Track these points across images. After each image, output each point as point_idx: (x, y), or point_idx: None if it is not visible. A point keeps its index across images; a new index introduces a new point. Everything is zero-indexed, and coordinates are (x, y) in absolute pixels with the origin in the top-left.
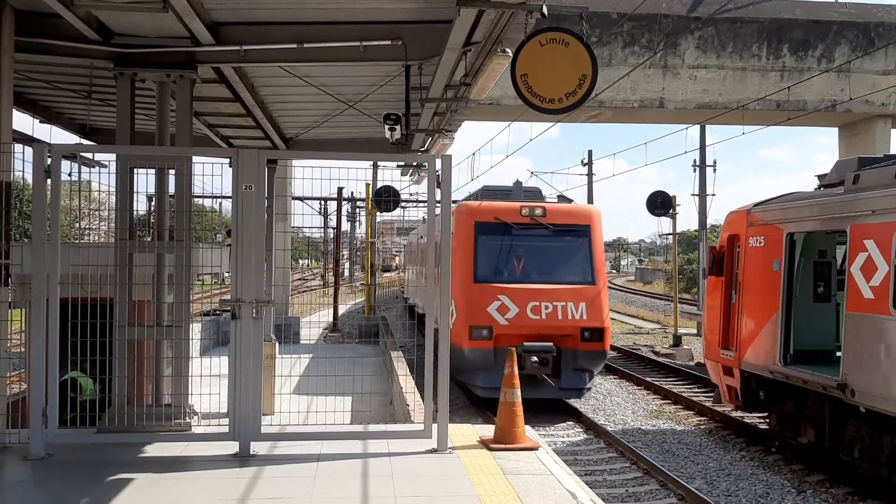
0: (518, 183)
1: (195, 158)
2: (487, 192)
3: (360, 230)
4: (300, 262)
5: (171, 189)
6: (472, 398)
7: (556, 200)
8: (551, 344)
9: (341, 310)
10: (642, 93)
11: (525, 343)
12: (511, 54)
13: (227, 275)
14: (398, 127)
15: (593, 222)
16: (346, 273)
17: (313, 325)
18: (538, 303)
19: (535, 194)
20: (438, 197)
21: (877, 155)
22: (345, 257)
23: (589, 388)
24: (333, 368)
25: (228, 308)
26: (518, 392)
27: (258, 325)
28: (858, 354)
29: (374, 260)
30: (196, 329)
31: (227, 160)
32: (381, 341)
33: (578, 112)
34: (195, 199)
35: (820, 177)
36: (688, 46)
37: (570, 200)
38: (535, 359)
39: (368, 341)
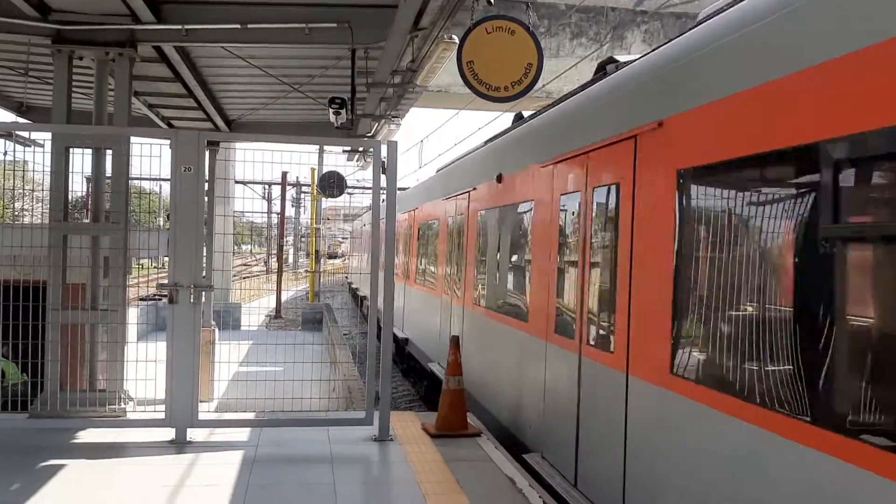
0: None
1: (134, 139)
2: None
3: (305, 216)
4: (243, 247)
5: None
6: (417, 387)
7: None
8: None
9: (285, 296)
10: None
11: None
12: (457, 41)
13: (166, 259)
14: (343, 111)
15: None
16: (290, 259)
17: (256, 311)
18: None
19: None
20: (384, 183)
21: None
22: (289, 243)
23: None
24: (275, 355)
25: (165, 293)
26: (461, 380)
27: (196, 310)
28: None
29: (319, 246)
30: (134, 313)
31: (167, 141)
32: (324, 328)
33: (527, 101)
34: (134, 181)
35: None
36: (634, 40)
37: None
38: None
39: (312, 328)
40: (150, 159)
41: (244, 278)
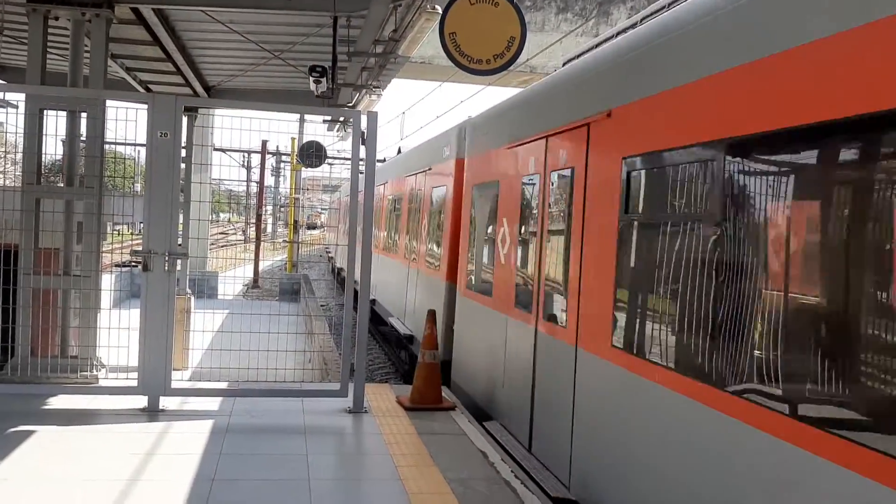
0: None
1: (110, 103)
2: None
3: (285, 185)
4: (221, 215)
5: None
6: (394, 359)
7: None
8: None
9: (262, 266)
10: None
11: None
12: (440, 11)
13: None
14: (324, 80)
15: None
16: (269, 229)
17: (233, 280)
18: None
19: None
20: (363, 154)
21: None
22: (268, 213)
23: None
24: (251, 325)
25: (139, 259)
26: (437, 353)
27: (170, 278)
28: None
29: (298, 216)
30: (109, 280)
31: (144, 105)
32: (302, 299)
33: (511, 76)
34: (111, 145)
35: None
36: (620, 16)
37: None
38: None
39: (289, 299)
40: (126, 123)
41: (222, 247)
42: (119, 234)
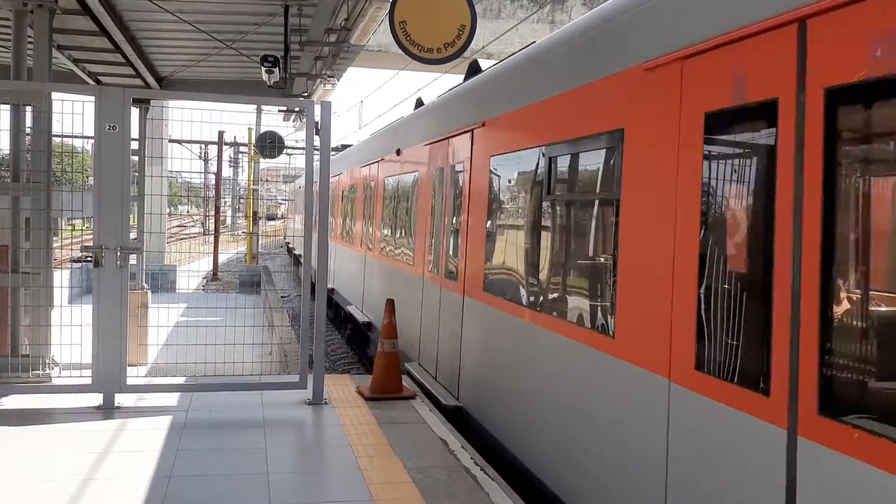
0: None
1: (56, 95)
2: None
3: (243, 176)
4: (179, 208)
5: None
6: (355, 349)
7: None
8: None
9: (222, 259)
10: None
11: None
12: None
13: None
14: (276, 70)
15: None
16: (228, 221)
17: (192, 274)
18: None
19: None
20: (318, 144)
21: None
22: (226, 204)
23: None
24: (210, 318)
25: (90, 256)
26: (396, 342)
27: (123, 273)
28: None
29: (257, 208)
30: (63, 276)
31: (92, 98)
32: (262, 291)
33: (465, 64)
34: (62, 139)
35: None
36: (575, 3)
37: None
38: None
39: (249, 291)
40: (73, 116)
41: (180, 240)
42: (73, 228)
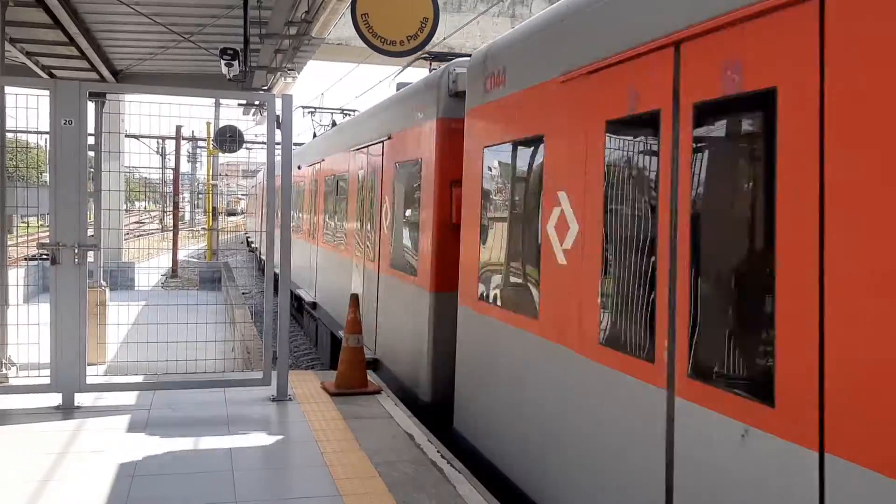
0: None
1: (8, 89)
2: None
3: (202, 171)
4: (137, 204)
5: None
6: (319, 345)
7: None
8: None
9: (181, 255)
10: (491, 41)
11: None
12: None
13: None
14: (236, 63)
15: None
16: (187, 217)
17: (151, 271)
18: None
19: None
20: (279, 138)
21: None
22: (185, 200)
23: None
24: (170, 316)
25: (47, 253)
26: (361, 338)
27: (81, 270)
28: None
29: (217, 203)
30: (19, 275)
31: (46, 92)
32: (223, 288)
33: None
34: (15, 134)
35: None
36: None
37: None
38: None
39: (210, 288)
40: (28, 111)
41: (138, 236)
42: (27, 225)
